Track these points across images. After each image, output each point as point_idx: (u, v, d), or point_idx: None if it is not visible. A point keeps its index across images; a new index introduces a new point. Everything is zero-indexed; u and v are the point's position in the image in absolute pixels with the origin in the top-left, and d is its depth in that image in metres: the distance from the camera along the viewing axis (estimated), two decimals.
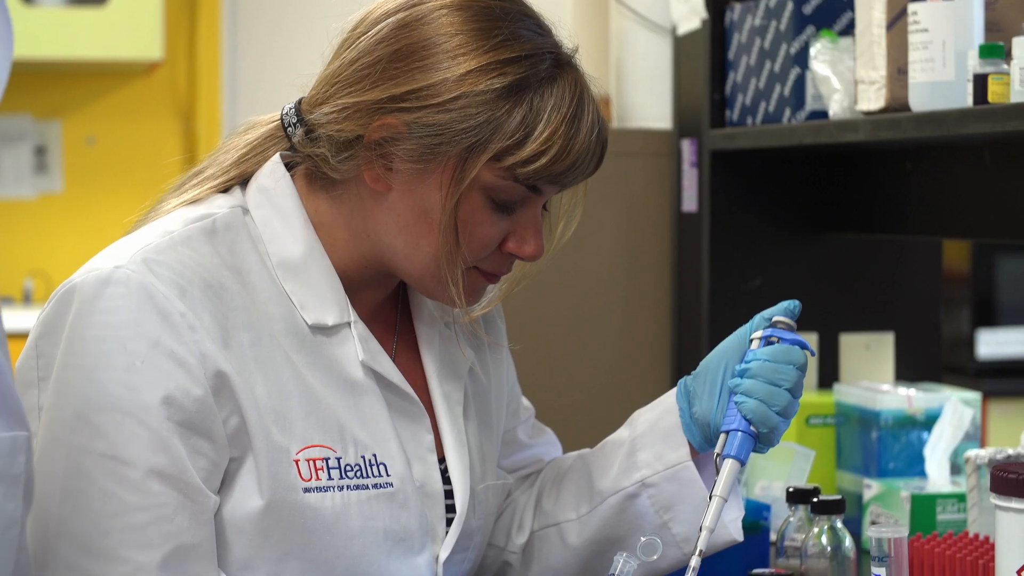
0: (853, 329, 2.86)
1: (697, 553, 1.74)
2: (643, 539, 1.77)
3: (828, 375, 2.82)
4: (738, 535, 1.88)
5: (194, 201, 1.77)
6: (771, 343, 1.83)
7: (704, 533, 1.75)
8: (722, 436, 1.81)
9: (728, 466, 1.79)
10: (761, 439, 1.80)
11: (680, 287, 2.93)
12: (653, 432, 1.89)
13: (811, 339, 2.82)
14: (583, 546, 1.92)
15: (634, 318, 2.93)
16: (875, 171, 2.74)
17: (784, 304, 1.86)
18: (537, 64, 1.71)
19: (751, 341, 1.83)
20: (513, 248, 1.75)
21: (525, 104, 1.69)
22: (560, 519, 1.93)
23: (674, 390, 1.90)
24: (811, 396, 2.69)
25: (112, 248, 1.71)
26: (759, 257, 2.84)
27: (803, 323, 2.80)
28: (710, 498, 1.77)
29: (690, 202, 2.90)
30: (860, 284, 2.89)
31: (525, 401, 2.06)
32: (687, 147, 2.91)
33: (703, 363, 1.88)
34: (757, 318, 1.85)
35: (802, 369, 1.82)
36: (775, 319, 1.84)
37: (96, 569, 1.61)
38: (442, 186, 1.70)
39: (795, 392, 1.81)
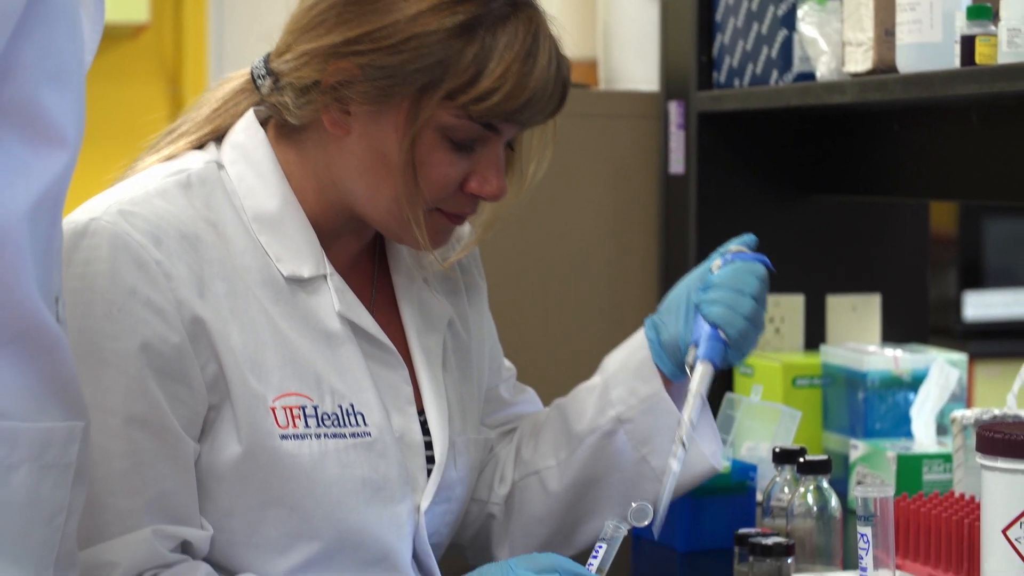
0: (840, 291, 2.86)
1: (680, 444, 1.79)
2: (634, 505, 1.77)
3: (815, 336, 2.83)
4: (718, 465, 1.92)
5: (170, 158, 1.79)
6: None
7: (684, 425, 1.80)
8: (692, 349, 1.86)
9: (700, 368, 1.85)
10: (731, 344, 1.85)
11: (667, 249, 2.93)
12: (625, 369, 1.92)
13: (797, 301, 2.82)
14: (564, 491, 1.94)
15: (621, 280, 2.93)
16: (862, 133, 2.74)
17: (741, 237, 1.92)
18: (489, 3, 1.72)
19: (711, 270, 1.89)
20: (474, 188, 1.76)
21: (477, 42, 1.70)
22: (540, 466, 1.96)
23: (642, 329, 1.94)
24: (797, 357, 2.70)
25: (88, 203, 1.73)
26: (746, 219, 2.84)
27: (790, 285, 2.83)
28: (686, 397, 1.83)
29: (677, 164, 2.90)
30: (847, 246, 2.89)
31: (507, 362, 2.08)
32: (674, 109, 2.90)
33: (667, 297, 1.93)
34: (715, 252, 1.91)
35: (764, 281, 1.88)
36: (732, 248, 1.91)
37: (85, 516, 1.61)
38: (398, 127, 1.72)
39: (759, 299, 1.86)
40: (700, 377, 1.86)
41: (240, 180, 1.77)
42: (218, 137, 1.81)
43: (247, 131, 1.79)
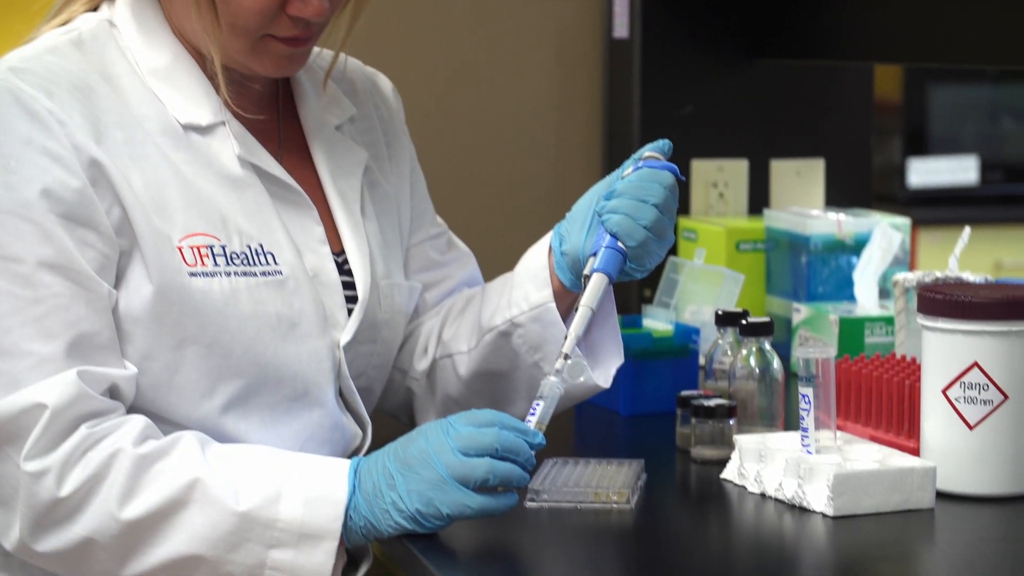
0: (784, 155, 2.85)
1: (562, 356, 1.77)
2: (569, 361, 1.77)
3: (758, 201, 2.82)
4: (604, 383, 1.90)
5: (65, 23, 1.81)
6: None
7: (569, 338, 1.78)
8: (591, 259, 1.83)
9: (595, 280, 1.82)
10: (630, 256, 1.82)
11: (611, 114, 2.91)
12: (526, 271, 1.93)
13: (741, 165, 2.82)
14: (472, 378, 1.97)
15: (564, 146, 2.91)
16: None
17: (656, 142, 1.88)
18: None
19: (621, 178, 1.86)
20: (296, 11, 1.75)
21: None
22: (453, 351, 1.99)
23: (550, 233, 1.93)
24: (741, 221, 2.70)
25: None
26: (690, 84, 2.82)
27: (734, 149, 2.82)
28: (577, 308, 1.80)
29: (621, 28, 2.88)
30: (791, 111, 2.88)
31: (439, 219, 2.10)
32: None
33: (574, 206, 1.90)
34: (630, 158, 1.88)
35: (671, 191, 1.83)
36: (646, 154, 1.86)
37: (2, 366, 1.64)
38: None
39: (663, 209, 1.82)
40: (592, 289, 1.81)
41: (131, 36, 1.79)
42: None
43: None
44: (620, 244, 1.81)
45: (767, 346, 2.04)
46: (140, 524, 1.64)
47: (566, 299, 1.90)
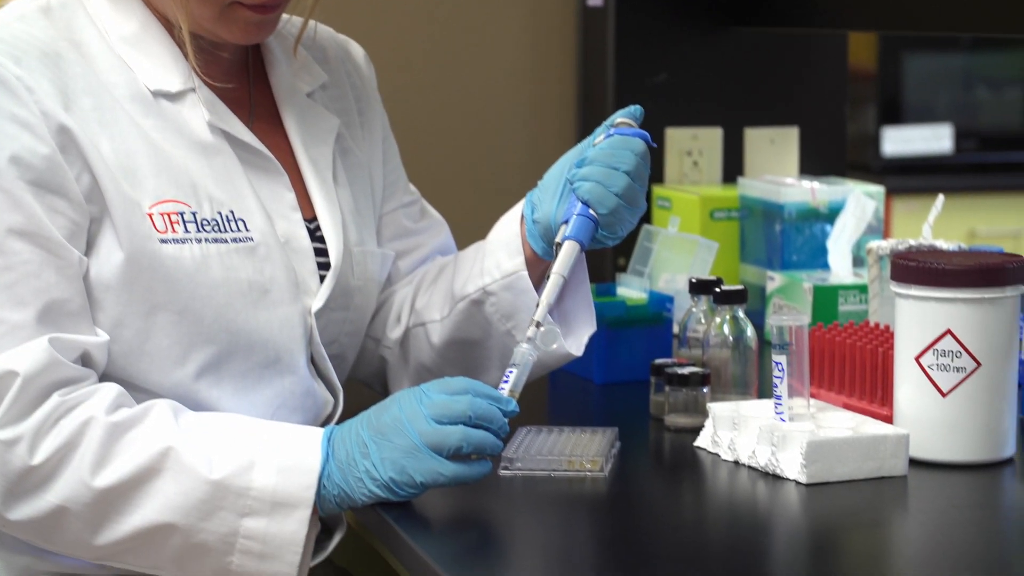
0: (758, 124, 2.85)
1: (534, 324, 1.77)
2: (542, 328, 1.77)
3: (732, 169, 2.82)
4: (576, 351, 1.90)
5: None
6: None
7: (541, 306, 1.79)
8: (562, 227, 1.83)
9: (566, 247, 1.82)
10: (602, 223, 1.82)
11: (585, 82, 2.90)
12: (498, 240, 1.93)
13: (716, 133, 2.81)
14: (445, 347, 1.97)
15: (538, 114, 2.90)
16: None
17: (627, 108, 1.88)
18: None
19: (593, 145, 1.86)
20: None
21: None
22: (426, 319, 1.99)
23: (523, 200, 1.93)
24: (715, 189, 2.70)
25: None
26: (665, 52, 2.82)
27: (708, 118, 2.82)
28: (549, 276, 1.80)
29: None
30: (766, 79, 2.88)
31: (411, 187, 2.10)
32: None
33: (546, 174, 1.90)
34: (600, 127, 1.88)
35: (643, 157, 1.83)
36: (617, 121, 1.86)
37: None
38: None
39: (635, 176, 1.82)
40: (564, 257, 1.81)
41: (99, 4, 1.78)
42: None
43: None
44: (592, 212, 1.81)
45: (741, 314, 2.04)
46: (112, 492, 1.64)
47: (538, 267, 1.90)
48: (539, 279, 1.89)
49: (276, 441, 1.67)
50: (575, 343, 1.89)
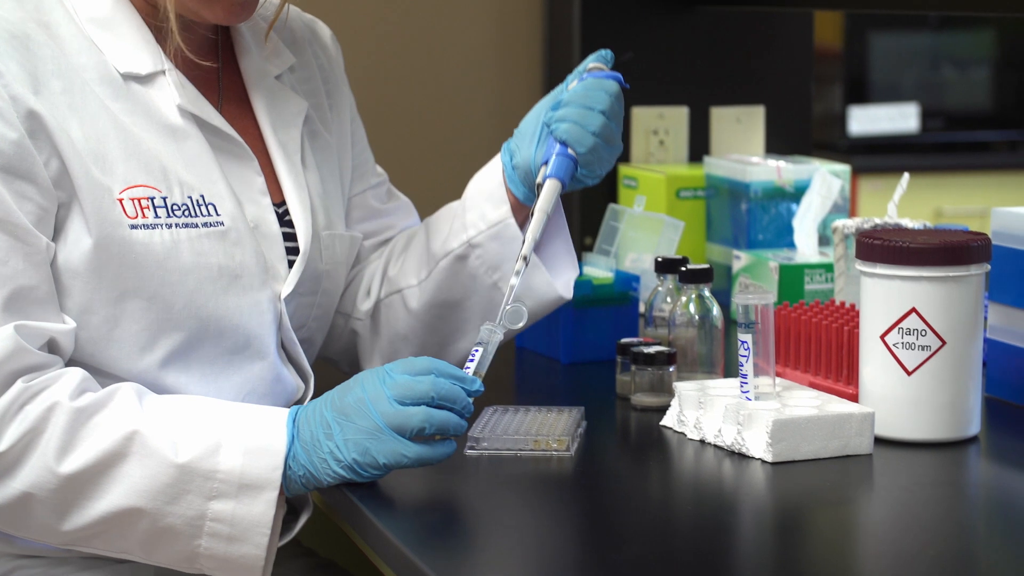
0: (724, 102, 2.85)
1: (520, 259, 1.81)
2: (508, 307, 1.78)
3: (699, 148, 2.82)
4: (565, 293, 1.93)
5: None
6: None
7: (528, 241, 1.82)
8: (543, 168, 1.87)
9: (548, 185, 1.86)
10: (581, 162, 1.87)
11: (551, 62, 2.90)
12: (479, 193, 1.94)
13: (682, 112, 2.81)
14: (424, 310, 1.97)
15: (505, 95, 2.90)
16: None
17: (598, 52, 1.92)
18: None
19: (566, 90, 1.90)
20: None
21: None
22: (402, 285, 1.99)
23: (500, 153, 1.95)
24: (681, 168, 2.70)
25: None
26: (631, 30, 2.81)
27: (674, 96, 2.82)
28: (532, 215, 1.84)
29: None
30: (732, 57, 2.88)
31: (379, 168, 2.10)
32: None
33: (522, 121, 1.94)
34: (573, 72, 1.91)
35: (617, 98, 1.88)
36: (590, 66, 1.91)
37: None
38: None
39: (610, 116, 1.87)
40: (547, 194, 1.86)
41: None
42: None
43: None
44: (571, 151, 1.85)
45: (707, 293, 2.04)
46: (78, 478, 1.63)
47: (520, 214, 1.93)
48: (521, 227, 1.92)
49: (241, 423, 1.66)
50: (563, 285, 1.93)
